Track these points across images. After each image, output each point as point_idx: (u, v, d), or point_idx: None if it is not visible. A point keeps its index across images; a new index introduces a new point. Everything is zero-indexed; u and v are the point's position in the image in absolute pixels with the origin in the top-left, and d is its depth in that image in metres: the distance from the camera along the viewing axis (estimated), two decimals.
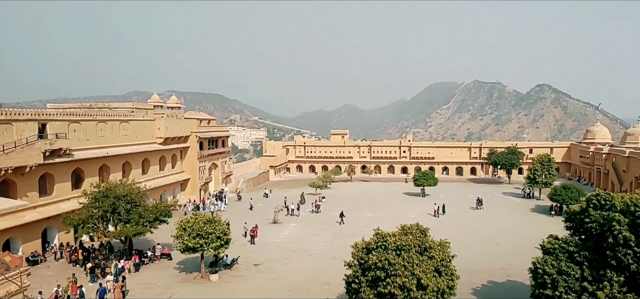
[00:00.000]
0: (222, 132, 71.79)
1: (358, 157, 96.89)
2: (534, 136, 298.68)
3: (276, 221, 49.51)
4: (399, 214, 51.20)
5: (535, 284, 22.58)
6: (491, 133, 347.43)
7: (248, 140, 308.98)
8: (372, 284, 21.30)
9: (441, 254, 22.30)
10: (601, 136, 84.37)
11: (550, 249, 23.03)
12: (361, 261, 22.34)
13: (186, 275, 32.94)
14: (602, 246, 21.25)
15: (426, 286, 20.56)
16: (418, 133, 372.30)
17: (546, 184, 63.92)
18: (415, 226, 23.59)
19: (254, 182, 78.78)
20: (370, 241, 22.85)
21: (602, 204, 22.74)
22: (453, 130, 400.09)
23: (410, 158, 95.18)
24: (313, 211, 55.65)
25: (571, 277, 21.01)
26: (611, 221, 20.72)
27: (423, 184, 66.90)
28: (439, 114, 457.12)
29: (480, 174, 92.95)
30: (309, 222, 50.25)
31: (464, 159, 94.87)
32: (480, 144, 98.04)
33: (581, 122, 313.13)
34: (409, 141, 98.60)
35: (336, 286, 28.83)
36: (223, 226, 32.11)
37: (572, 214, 24.33)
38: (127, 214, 34.46)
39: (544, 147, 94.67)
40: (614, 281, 19.78)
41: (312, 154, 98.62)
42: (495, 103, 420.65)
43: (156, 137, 55.02)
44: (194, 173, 61.87)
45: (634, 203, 20.85)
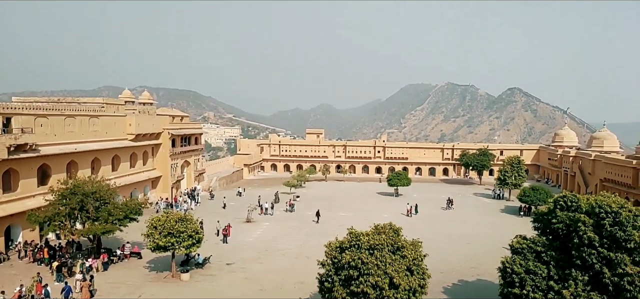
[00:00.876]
0: (195, 130, 70.78)
1: (333, 156, 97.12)
2: (505, 138, 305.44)
3: (249, 220, 49.13)
4: (372, 213, 51.54)
5: (503, 283, 23.06)
6: (463, 135, 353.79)
7: (222, 138, 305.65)
8: (345, 283, 21.35)
9: (413, 254, 22.53)
10: (569, 140, 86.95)
11: (519, 249, 23.57)
12: (334, 260, 22.37)
13: (156, 274, 32.33)
14: (568, 246, 21.85)
15: (398, 285, 20.73)
16: (392, 134, 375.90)
17: (516, 185, 65.46)
18: (389, 226, 23.76)
19: (228, 181, 77.98)
20: (344, 241, 22.88)
21: (569, 205, 23.36)
22: (427, 131, 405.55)
23: (385, 158, 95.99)
24: (287, 210, 55.47)
25: (538, 276, 21.54)
26: (577, 222, 21.32)
27: (396, 184, 67.56)
28: (413, 115, 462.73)
29: (453, 175, 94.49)
30: (283, 222, 50.06)
31: (436, 160, 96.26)
32: (452, 145, 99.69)
33: (550, 126, 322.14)
34: (383, 142, 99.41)
35: (309, 285, 28.79)
36: (195, 225, 31.66)
37: (540, 215, 24.90)
38: (95, 211, 33.67)
39: (514, 149, 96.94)
40: (578, 280, 20.38)
41: (287, 153, 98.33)
42: (468, 105, 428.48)
43: (127, 134, 53.82)
44: (166, 171, 60.81)
45: (598, 205, 21.50)
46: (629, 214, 20.64)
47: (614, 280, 19.85)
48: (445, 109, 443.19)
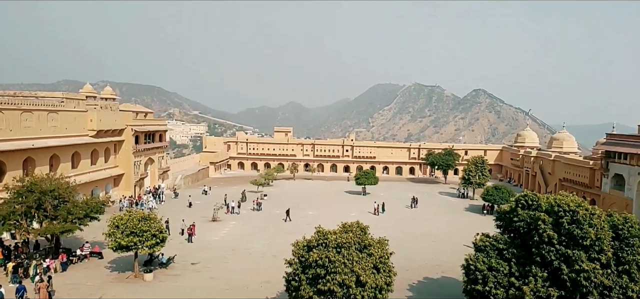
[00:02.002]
0: (159, 126, 69.18)
1: (301, 155, 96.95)
2: (470, 138, 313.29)
3: (215, 219, 48.42)
4: (340, 212, 51.75)
5: (467, 280, 23.57)
6: (430, 135, 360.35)
7: (187, 135, 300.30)
8: (312, 281, 21.30)
9: (380, 252, 22.73)
10: (530, 140, 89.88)
11: (482, 247, 24.14)
12: (302, 259, 22.30)
13: (118, 274, 31.39)
14: (528, 244, 22.53)
15: (365, 283, 20.86)
16: (361, 133, 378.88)
17: (479, 184, 67.14)
18: (356, 224, 23.87)
19: (193, 179, 76.63)
20: (312, 239, 22.84)
21: (530, 204, 24.08)
22: (394, 131, 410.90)
23: (353, 157, 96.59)
24: (254, 209, 54.98)
25: (500, 273, 22.13)
26: (537, 221, 22.00)
27: (364, 183, 68.08)
28: (381, 115, 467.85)
29: (419, 174, 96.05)
30: (250, 221, 49.59)
31: (403, 159, 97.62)
32: (419, 145, 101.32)
33: (513, 127, 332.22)
34: (351, 141, 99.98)
35: (276, 284, 28.60)
36: (159, 224, 30.94)
37: (502, 214, 25.55)
38: (54, 210, 32.41)
39: (478, 149, 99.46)
40: (538, 276, 21.04)
41: (255, 151, 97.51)
42: (434, 106, 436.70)
43: (88, 130, 52.04)
44: (129, 168, 59.16)
45: (557, 204, 22.25)
46: (585, 213, 21.44)
47: (572, 276, 20.60)
48: (412, 109, 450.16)
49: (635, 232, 22.10)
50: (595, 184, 56.51)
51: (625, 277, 21.28)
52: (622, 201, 49.23)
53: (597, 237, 20.78)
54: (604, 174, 53.71)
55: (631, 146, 48.79)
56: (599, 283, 20.51)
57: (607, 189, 53.09)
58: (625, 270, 21.39)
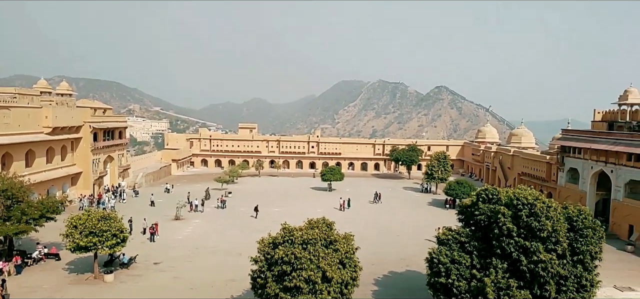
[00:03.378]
0: (119, 123, 67.08)
1: (267, 151, 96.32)
2: (432, 134, 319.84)
3: (178, 218, 47.45)
4: (306, 208, 51.74)
5: (431, 273, 24.02)
6: (394, 131, 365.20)
7: (148, 132, 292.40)
8: (278, 278, 21.17)
9: (345, 247, 22.83)
10: (490, 136, 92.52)
11: (445, 240, 24.65)
12: (267, 256, 22.13)
13: (77, 276, 30.27)
14: (489, 237, 23.16)
15: (331, 279, 20.91)
16: (326, 129, 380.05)
17: (442, 179, 68.62)
18: (322, 220, 23.90)
19: (155, 177, 74.78)
20: (277, 236, 22.70)
21: (490, 198, 24.75)
22: (359, 127, 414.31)
23: (319, 153, 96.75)
24: (218, 206, 54.21)
25: (462, 265, 22.66)
26: (497, 214, 22.65)
27: (330, 179, 68.34)
28: (346, 111, 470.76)
29: (384, 169, 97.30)
30: (214, 219, 48.86)
31: (368, 155, 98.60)
32: (383, 141, 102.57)
33: (474, 123, 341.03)
34: (317, 137, 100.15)
35: (241, 282, 28.32)
36: (119, 223, 30.01)
37: (464, 208, 26.16)
38: (7, 211, 30.95)
39: (441, 145, 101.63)
40: (498, 268, 21.67)
41: (219, 147, 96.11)
42: (398, 102, 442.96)
43: (43, 127, 49.82)
44: (87, 166, 57.08)
45: (516, 197, 22.98)
46: (542, 206, 22.24)
47: (530, 267, 21.33)
48: (376, 106, 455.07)
49: (589, 223, 23.11)
50: (552, 178, 58.82)
51: (579, 266, 22.24)
52: (577, 194, 51.48)
53: (553, 229, 21.60)
54: (559, 168, 55.96)
55: (585, 141, 51.03)
56: (556, 272, 21.35)
57: (563, 183, 55.37)
58: (579, 260, 22.34)
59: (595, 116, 55.84)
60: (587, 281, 22.28)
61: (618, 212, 46.31)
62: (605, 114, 54.62)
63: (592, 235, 22.79)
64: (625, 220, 45.25)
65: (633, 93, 50.66)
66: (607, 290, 29.44)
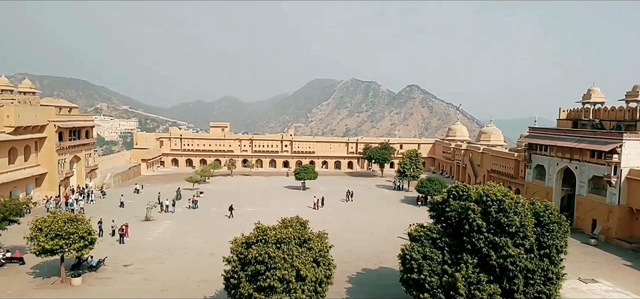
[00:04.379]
0: (85, 122, 65.19)
1: (239, 150, 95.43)
2: (404, 132, 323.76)
3: (149, 219, 46.52)
4: (280, 207, 51.51)
5: (403, 270, 24.30)
6: (367, 129, 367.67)
7: (117, 131, 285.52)
8: (252, 278, 21.02)
9: (319, 245, 22.85)
10: (460, 134, 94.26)
11: (417, 237, 24.96)
12: (240, 256, 21.94)
13: (43, 280, 29.28)
14: (460, 232, 23.59)
15: (305, 277, 20.88)
16: (299, 128, 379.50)
17: (414, 177, 69.52)
18: (296, 219, 23.87)
19: (123, 177, 73.04)
20: (250, 236, 22.54)
21: (460, 195, 25.22)
22: (332, 125, 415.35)
23: (292, 152, 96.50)
24: (190, 207, 53.38)
25: (434, 261, 23.01)
26: (467, 210, 23.09)
27: (304, 177, 68.26)
28: (320, 110, 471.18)
29: (357, 168, 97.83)
30: (186, 219, 48.11)
31: (342, 153, 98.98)
32: (356, 139, 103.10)
33: (444, 121, 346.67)
34: (290, 135, 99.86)
35: (214, 283, 27.98)
36: (87, 225, 29.19)
37: (435, 204, 26.55)
38: None
39: (413, 143, 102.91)
40: (469, 263, 22.10)
41: (190, 147, 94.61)
42: (371, 101, 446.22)
43: (5, 126, 47.97)
44: (52, 167, 55.25)
45: (485, 194, 23.48)
46: (511, 202, 22.81)
47: (499, 261, 21.83)
48: (349, 104, 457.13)
49: (555, 218, 23.81)
50: (520, 174, 60.39)
51: (546, 260, 22.88)
52: (543, 190, 53.03)
53: (521, 224, 22.17)
54: (527, 165, 57.50)
55: (550, 139, 52.59)
56: (524, 266, 21.92)
57: (530, 179, 56.93)
58: (546, 254, 22.99)
59: (561, 114, 57.64)
60: (553, 274, 22.96)
61: (582, 207, 47.95)
62: (570, 113, 56.43)
63: (557, 230, 23.49)
64: (588, 215, 46.91)
65: (596, 92, 52.51)
66: (572, 282, 30.46)
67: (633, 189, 42.25)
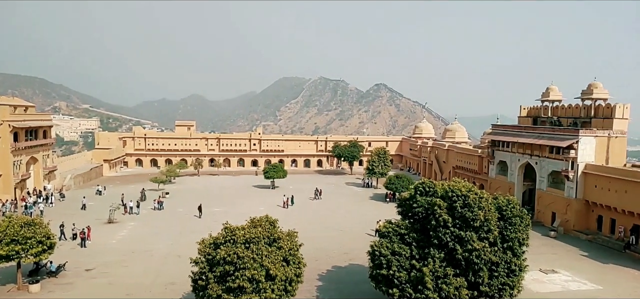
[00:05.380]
0: (43, 122, 62.65)
1: (206, 150, 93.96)
2: (373, 130, 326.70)
3: (112, 221, 45.18)
4: (248, 207, 51.05)
5: (373, 266, 24.52)
6: (336, 127, 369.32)
7: (77, 131, 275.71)
8: (221, 279, 20.73)
9: (289, 244, 22.76)
10: (427, 132, 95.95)
11: (385, 233, 25.23)
12: (208, 257, 21.61)
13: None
14: (427, 228, 23.99)
15: (275, 276, 20.76)
16: (268, 126, 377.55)
17: (382, 174, 70.28)
18: (265, 218, 23.69)
19: (85, 178, 70.67)
20: (219, 236, 22.23)
21: (427, 191, 25.63)
22: (301, 124, 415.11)
23: (261, 151, 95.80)
24: (155, 208, 52.15)
25: (402, 256, 23.32)
26: (433, 206, 23.50)
27: (273, 176, 67.86)
28: (288, 108, 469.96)
29: (326, 166, 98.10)
30: (151, 221, 46.98)
31: (311, 151, 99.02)
32: (326, 137, 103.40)
33: (411, 119, 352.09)
34: (259, 134, 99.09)
35: (181, 285, 27.46)
36: (46, 229, 28.06)
37: (403, 201, 26.90)
38: None
39: (381, 141, 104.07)
40: (436, 257, 22.51)
41: (154, 146, 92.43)
42: (339, 99, 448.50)
43: None
44: (7, 169, 52.85)
45: (451, 190, 23.96)
46: (475, 197, 23.35)
47: (465, 255, 22.34)
48: (318, 103, 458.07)
49: (517, 212, 24.56)
50: (484, 170, 62.01)
51: (509, 253, 23.58)
52: (506, 185, 54.64)
53: (485, 218, 22.75)
54: (490, 161, 59.11)
55: (512, 136, 54.23)
56: (488, 259, 22.51)
57: (493, 175, 58.54)
58: (509, 247, 23.69)
59: (521, 111, 59.51)
60: (516, 266, 23.69)
61: (542, 201, 49.70)
62: (530, 110, 58.33)
63: (519, 223, 24.23)
64: (548, 208, 48.67)
65: (554, 91, 54.48)
66: (533, 274, 31.50)
67: (589, 183, 44.10)
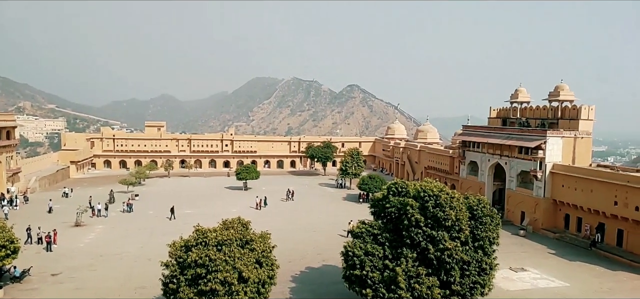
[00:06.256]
0: (6, 122, 60.28)
1: (177, 151, 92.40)
2: (346, 131, 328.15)
3: (79, 224, 43.87)
4: (220, 209, 50.42)
5: (346, 266, 24.56)
6: (309, 128, 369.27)
7: (42, 131, 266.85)
8: (192, 282, 20.40)
9: (262, 246, 22.59)
10: (399, 132, 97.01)
11: (359, 233, 25.32)
12: (180, 259, 21.23)
13: None
14: (399, 228, 24.20)
15: (247, 279, 20.56)
16: (240, 127, 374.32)
17: (355, 174, 70.64)
18: (237, 220, 23.47)
19: (51, 181, 68.40)
20: (190, 239, 21.89)
21: (400, 191, 25.86)
22: (274, 124, 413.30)
23: (233, 152, 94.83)
24: (124, 210, 50.91)
25: (376, 257, 23.44)
26: (406, 206, 23.72)
27: (245, 177, 67.27)
28: (261, 109, 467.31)
29: (300, 167, 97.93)
30: (120, 223, 45.84)
31: (284, 152, 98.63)
32: (299, 138, 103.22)
33: (384, 120, 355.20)
34: (231, 135, 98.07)
35: (152, 289, 26.88)
36: (9, 233, 27.04)
37: (376, 201, 27.06)
38: None
39: (354, 141, 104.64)
40: (409, 257, 22.72)
41: (123, 147, 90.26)
42: (313, 100, 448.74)
43: None
44: None
45: (423, 190, 24.25)
46: (446, 197, 23.70)
47: (437, 255, 22.63)
48: (291, 103, 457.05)
49: (487, 211, 25.06)
50: (455, 170, 63.10)
51: (480, 252, 24.02)
52: (477, 185, 55.74)
53: (457, 218, 23.11)
54: (461, 161, 60.20)
55: (482, 136, 55.39)
56: (460, 258, 22.87)
57: (464, 175, 59.64)
58: (480, 246, 24.13)
59: (491, 113, 60.85)
60: (487, 264, 24.16)
61: (512, 201, 50.92)
62: (499, 111, 59.70)
63: (490, 222, 24.73)
64: (518, 207, 49.91)
65: (522, 92, 55.92)
66: (504, 272, 32.21)
67: (556, 183, 45.44)
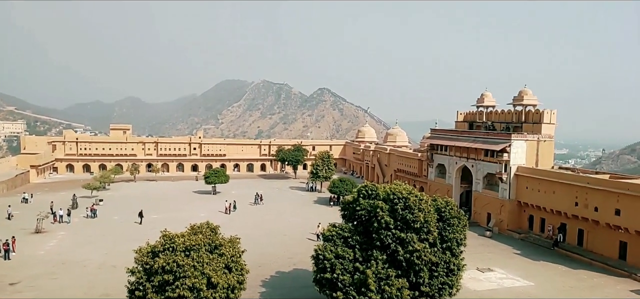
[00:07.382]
0: None
1: (143, 154, 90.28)
2: (316, 134, 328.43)
3: (40, 230, 42.22)
4: (189, 213, 49.54)
5: (317, 270, 24.50)
6: (279, 131, 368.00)
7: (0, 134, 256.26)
8: (160, 289, 19.92)
9: (231, 251, 22.30)
10: (369, 136, 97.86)
11: (329, 236, 25.31)
12: (146, 266, 20.70)
13: None
14: (369, 230, 24.32)
15: (216, 284, 20.25)
16: (209, 130, 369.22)
17: (326, 177, 70.78)
18: (206, 225, 23.11)
19: (9, 185, 65.64)
20: (157, 244, 21.37)
21: (370, 194, 26.00)
22: (244, 127, 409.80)
23: (201, 155, 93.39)
24: (88, 216, 49.35)
25: (346, 260, 23.48)
26: (376, 208, 23.87)
27: (214, 181, 66.34)
28: (230, 111, 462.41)
29: (270, 170, 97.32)
30: (83, 229, 44.36)
31: (254, 155, 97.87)
32: (269, 141, 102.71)
33: (354, 123, 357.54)
34: (199, 138, 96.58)
35: (117, 297, 26.05)
36: None
37: (347, 204, 27.11)
38: None
39: (325, 144, 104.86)
40: (379, 259, 22.87)
41: (87, 151, 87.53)
42: (283, 103, 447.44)
43: None
44: None
45: (392, 192, 24.47)
46: (415, 199, 23.99)
47: (406, 256, 22.86)
48: (261, 106, 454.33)
49: (455, 213, 25.52)
50: (423, 173, 64.06)
51: (448, 253, 24.42)
52: (444, 187, 56.74)
53: (425, 220, 23.42)
54: (429, 164, 61.17)
55: (449, 140, 56.45)
56: (428, 260, 23.17)
57: (433, 177, 60.62)
58: (448, 247, 24.53)
59: (458, 116, 62.13)
60: (455, 265, 24.58)
61: (478, 202, 52.08)
62: (466, 115, 61.04)
63: (457, 224, 25.19)
64: (484, 209, 51.08)
65: (488, 97, 57.36)
66: (471, 272, 32.84)
67: (521, 185, 46.76)
